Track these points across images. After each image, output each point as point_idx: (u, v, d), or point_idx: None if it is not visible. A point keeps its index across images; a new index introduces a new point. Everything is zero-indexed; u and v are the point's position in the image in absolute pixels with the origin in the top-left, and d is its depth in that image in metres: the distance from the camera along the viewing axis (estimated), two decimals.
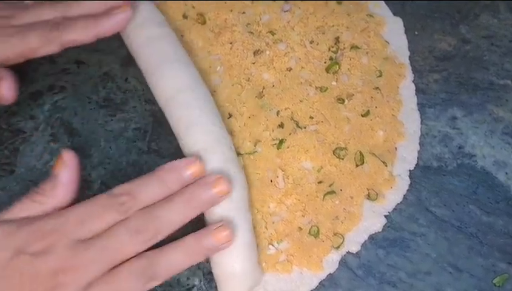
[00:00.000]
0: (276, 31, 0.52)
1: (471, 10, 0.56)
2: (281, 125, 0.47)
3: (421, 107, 0.50)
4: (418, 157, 0.47)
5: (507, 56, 0.53)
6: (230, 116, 0.47)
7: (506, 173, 0.47)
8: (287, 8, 0.53)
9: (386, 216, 0.45)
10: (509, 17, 0.55)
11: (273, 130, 0.47)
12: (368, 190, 0.45)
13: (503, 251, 0.43)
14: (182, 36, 0.51)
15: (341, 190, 0.45)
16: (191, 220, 0.39)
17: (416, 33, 0.54)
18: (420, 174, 0.47)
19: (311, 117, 0.48)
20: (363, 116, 0.48)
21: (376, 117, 0.48)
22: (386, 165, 0.46)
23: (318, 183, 0.45)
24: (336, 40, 0.52)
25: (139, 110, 0.49)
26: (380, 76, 0.51)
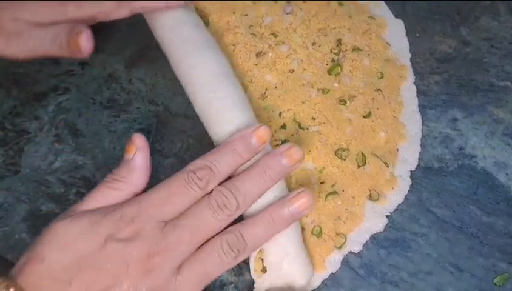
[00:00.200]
0: (279, 33, 0.52)
1: (471, 12, 0.56)
2: (284, 126, 0.48)
3: (422, 108, 0.50)
4: (419, 158, 0.48)
5: (507, 58, 0.53)
6: None
7: (507, 174, 0.47)
8: (289, 10, 0.54)
9: (387, 216, 0.45)
10: (509, 19, 0.56)
11: (275, 131, 0.47)
12: (370, 190, 0.46)
13: (504, 251, 0.44)
14: None
15: (343, 191, 0.45)
16: None
17: (417, 35, 0.55)
18: (421, 175, 0.47)
19: (313, 119, 0.48)
20: (364, 117, 0.49)
21: (377, 119, 0.49)
22: (388, 166, 0.47)
23: (321, 183, 0.45)
24: (338, 42, 0.52)
25: (143, 111, 0.49)
26: (382, 77, 0.51)
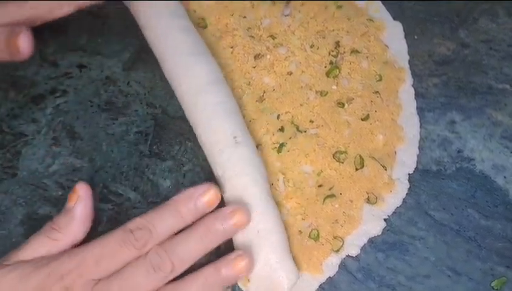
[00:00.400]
0: (277, 35, 0.52)
1: (469, 14, 0.56)
2: (282, 129, 0.48)
3: (420, 111, 0.50)
4: (417, 161, 0.48)
5: (506, 60, 0.53)
6: None
7: (505, 177, 0.47)
8: (288, 12, 0.53)
9: (385, 219, 0.45)
10: (507, 21, 0.55)
11: (273, 134, 0.47)
12: (368, 193, 0.46)
13: (502, 254, 0.44)
14: None
15: (340, 194, 0.45)
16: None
17: (415, 37, 0.54)
18: (419, 178, 0.47)
19: (311, 121, 0.48)
20: (362, 120, 0.49)
21: (376, 121, 0.49)
22: (386, 169, 0.47)
23: (318, 186, 0.45)
24: (337, 44, 0.52)
25: (141, 114, 0.49)
26: (380, 80, 0.51)
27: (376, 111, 0.49)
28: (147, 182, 0.46)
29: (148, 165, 0.47)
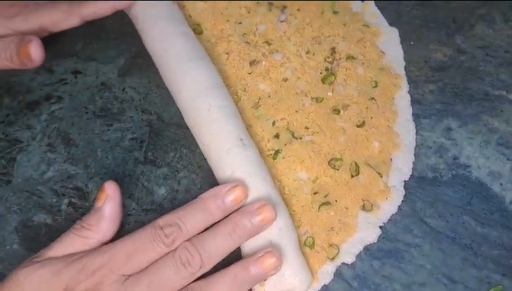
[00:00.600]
0: (273, 42, 0.52)
1: (466, 20, 0.56)
2: (277, 136, 0.47)
3: (416, 117, 0.50)
4: (413, 168, 0.48)
5: (502, 66, 0.53)
6: None
7: (501, 184, 0.47)
8: (284, 18, 0.53)
9: (381, 227, 0.45)
10: (504, 27, 0.55)
11: (268, 141, 0.47)
12: (363, 200, 0.45)
13: (498, 262, 0.43)
14: None
15: (336, 201, 0.45)
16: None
17: (412, 43, 0.54)
18: (415, 185, 0.47)
19: (307, 128, 0.48)
20: (358, 126, 0.49)
21: (371, 128, 0.49)
22: (381, 176, 0.46)
23: (314, 194, 0.45)
24: (332, 50, 0.52)
25: (136, 120, 0.49)
26: (376, 86, 0.51)
27: (372, 117, 0.49)
28: (142, 189, 0.46)
29: (143, 172, 0.46)
